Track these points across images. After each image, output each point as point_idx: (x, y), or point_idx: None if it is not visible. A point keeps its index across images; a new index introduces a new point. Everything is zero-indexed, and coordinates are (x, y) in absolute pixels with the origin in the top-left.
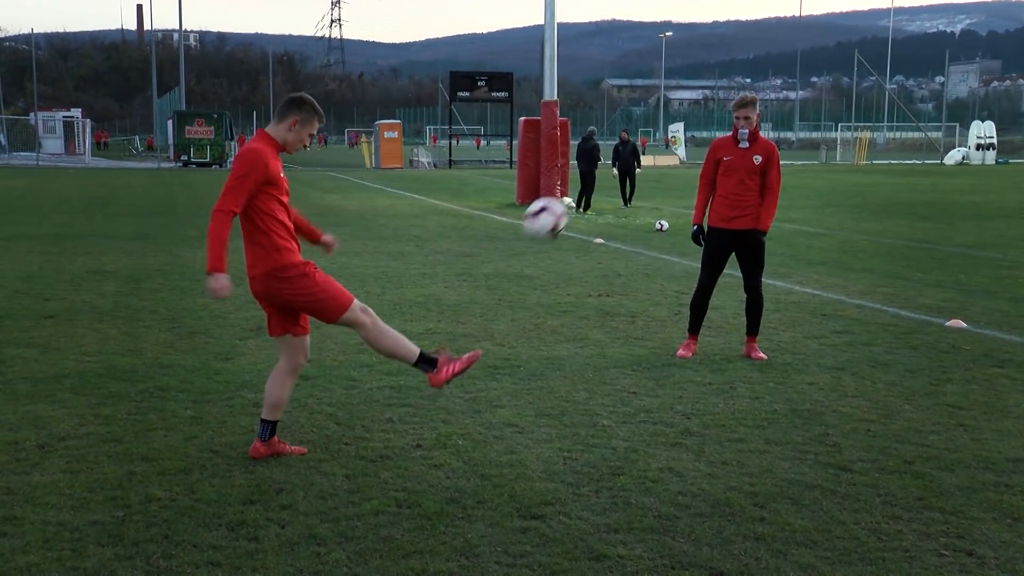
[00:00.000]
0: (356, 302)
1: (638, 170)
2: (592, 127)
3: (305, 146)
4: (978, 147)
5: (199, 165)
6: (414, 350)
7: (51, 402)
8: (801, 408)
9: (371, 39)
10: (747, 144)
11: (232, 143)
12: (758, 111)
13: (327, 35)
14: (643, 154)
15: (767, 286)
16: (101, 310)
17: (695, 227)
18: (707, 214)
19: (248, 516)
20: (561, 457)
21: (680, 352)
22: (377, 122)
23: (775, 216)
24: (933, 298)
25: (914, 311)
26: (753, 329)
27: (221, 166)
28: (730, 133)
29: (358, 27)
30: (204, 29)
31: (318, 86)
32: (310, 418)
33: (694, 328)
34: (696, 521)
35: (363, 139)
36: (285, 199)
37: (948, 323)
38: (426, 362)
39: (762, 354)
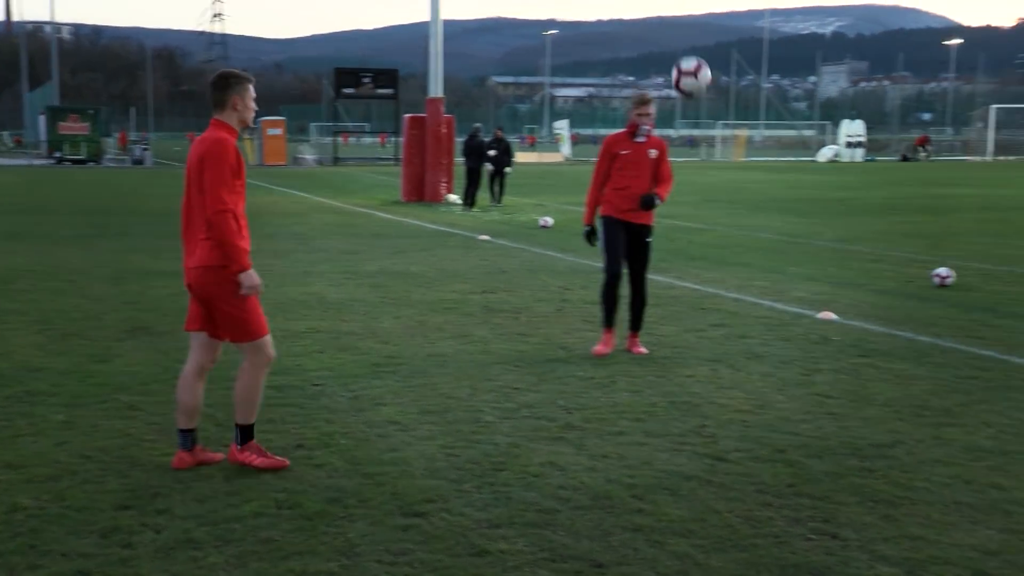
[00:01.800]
0: (269, 338)
1: (508, 170)
2: (478, 124)
3: (256, 110)
4: (848, 145)
5: (74, 162)
6: (254, 417)
7: None
8: (679, 400)
9: (254, 34)
10: (644, 139)
11: (110, 139)
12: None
13: (209, 30)
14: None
15: (648, 281)
16: None
17: (588, 227)
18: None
19: (122, 522)
20: (444, 454)
21: (598, 348)
22: (260, 119)
23: (656, 213)
24: (806, 291)
25: (788, 304)
26: (636, 325)
27: (98, 163)
28: (623, 130)
29: (241, 22)
30: (78, 22)
31: (200, 81)
32: None
33: (610, 321)
34: (576, 514)
35: (245, 136)
36: (243, 194)
37: (819, 315)
38: (246, 433)
39: (643, 348)
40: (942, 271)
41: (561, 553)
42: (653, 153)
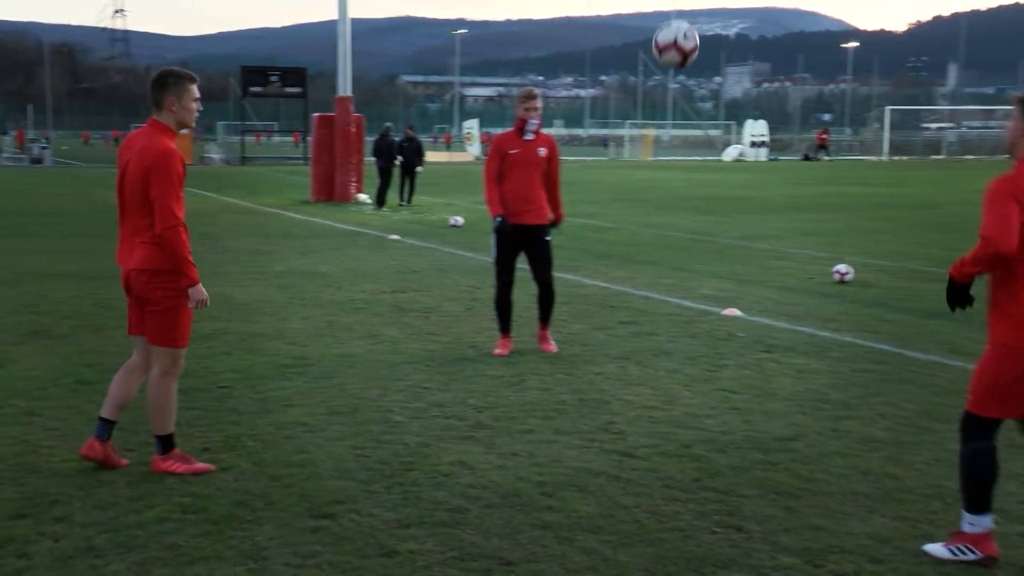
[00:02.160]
0: (185, 351)
1: (419, 169)
2: (388, 123)
3: (199, 111)
4: (752, 144)
5: None
6: (171, 427)
7: None
8: (588, 397)
9: (158, 31)
10: (533, 136)
11: (7, 138)
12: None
13: (110, 26)
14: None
15: (557, 279)
16: None
17: (499, 218)
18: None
19: (17, 532)
20: (353, 455)
21: (497, 351)
22: None
23: (566, 211)
24: (712, 288)
25: (694, 301)
26: (545, 318)
27: None
28: (511, 128)
29: (144, 19)
30: None
31: (101, 79)
32: (89, 425)
33: (506, 327)
34: (486, 513)
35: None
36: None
37: (724, 312)
38: (166, 443)
39: (553, 346)
40: (841, 268)
41: (470, 552)
42: (542, 151)
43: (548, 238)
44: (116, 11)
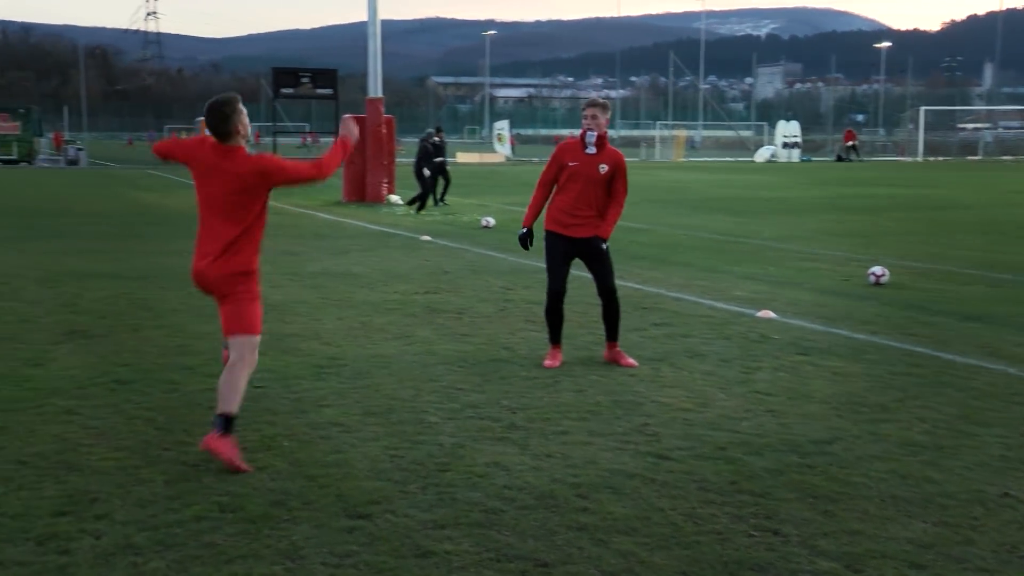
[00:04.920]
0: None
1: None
2: (437, 126)
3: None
4: (784, 145)
5: (5, 163)
6: (234, 408)
7: None
8: (623, 399)
9: (190, 33)
10: (594, 150)
11: (44, 139)
12: (608, 116)
13: (143, 28)
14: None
15: (617, 288)
16: None
17: (524, 230)
18: (544, 217)
19: (59, 528)
20: (388, 455)
21: (547, 363)
22: (198, 118)
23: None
24: (745, 290)
25: (728, 303)
26: (613, 334)
27: (31, 163)
28: (578, 135)
29: (176, 21)
30: (7, 19)
31: (134, 81)
32: (128, 424)
33: (555, 337)
34: (521, 514)
35: (183, 135)
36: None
37: (759, 313)
38: (225, 424)
39: (631, 359)
40: (877, 270)
41: (506, 553)
42: (604, 168)
43: (604, 246)
44: (149, 14)
